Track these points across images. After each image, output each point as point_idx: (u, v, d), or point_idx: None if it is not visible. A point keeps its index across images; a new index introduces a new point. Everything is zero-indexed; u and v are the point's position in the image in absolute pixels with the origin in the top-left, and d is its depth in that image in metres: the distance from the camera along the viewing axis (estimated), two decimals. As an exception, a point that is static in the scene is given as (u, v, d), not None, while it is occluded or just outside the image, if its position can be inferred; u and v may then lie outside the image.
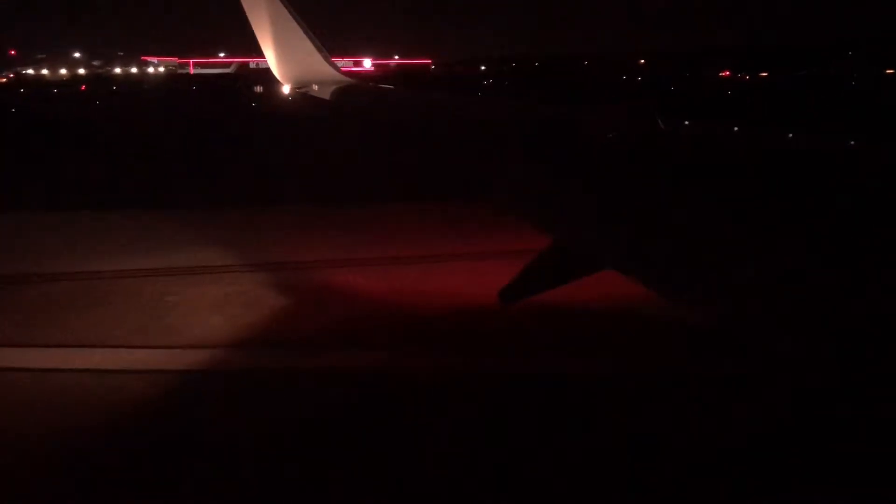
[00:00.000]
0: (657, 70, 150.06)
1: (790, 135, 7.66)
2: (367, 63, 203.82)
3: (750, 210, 5.29)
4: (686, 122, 9.37)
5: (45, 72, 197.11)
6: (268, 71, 23.10)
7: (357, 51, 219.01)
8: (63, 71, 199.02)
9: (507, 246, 15.55)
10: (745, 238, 4.89)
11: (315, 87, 21.94)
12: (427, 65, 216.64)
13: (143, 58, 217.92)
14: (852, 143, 7.37)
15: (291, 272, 19.43)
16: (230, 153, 41.33)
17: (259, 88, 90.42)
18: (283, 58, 22.87)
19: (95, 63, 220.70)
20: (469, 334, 14.80)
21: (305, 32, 22.16)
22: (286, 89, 23.46)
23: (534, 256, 7.57)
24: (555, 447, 10.67)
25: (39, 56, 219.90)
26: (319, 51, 22.35)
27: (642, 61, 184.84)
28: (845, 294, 3.90)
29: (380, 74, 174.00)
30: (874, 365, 3.46)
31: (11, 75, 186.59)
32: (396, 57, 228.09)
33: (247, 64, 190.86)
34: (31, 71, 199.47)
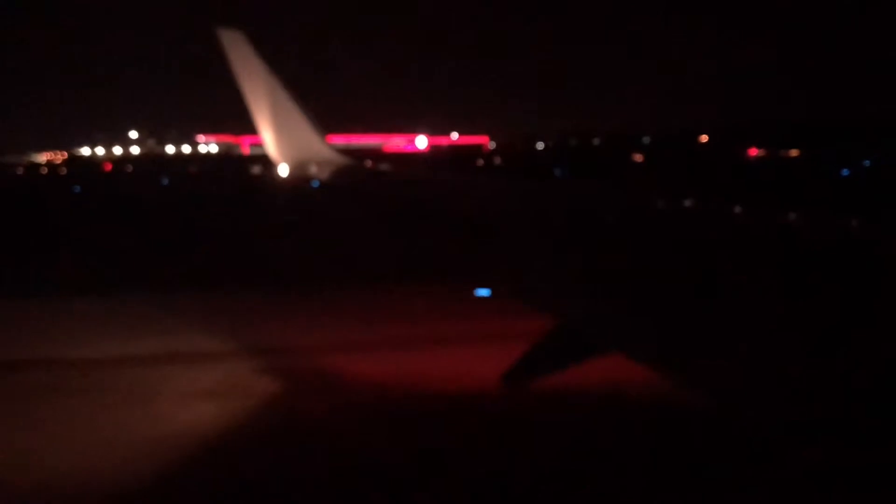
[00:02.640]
0: (720, 147, 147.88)
1: (791, 215, 7.32)
2: (423, 141, 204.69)
3: (755, 292, 5.18)
4: (686, 200, 8.80)
5: (100, 150, 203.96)
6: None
7: (415, 127, 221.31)
8: (118, 150, 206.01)
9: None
10: (756, 321, 4.77)
11: (313, 168, 21.60)
12: (483, 143, 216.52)
13: (197, 136, 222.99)
14: (850, 225, 6.89)
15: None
16: (221, 233, 41.58)
17: (257, 169, 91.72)
18: (279, 139, 22.72)
19: (150, 141, 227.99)
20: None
21: (302, 113, 22.16)
22: (283, 170, 23.03)
23: (537, 338, 7.42)
24: None
25: (99, 135, 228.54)
26: (316, 132, 22.32)
27: (705, 138, 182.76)
28: (850, 376, 3.86)
29: (430, 154, 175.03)
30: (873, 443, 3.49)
31: (65, 154, 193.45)
32: (456, 134, 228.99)
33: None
34: (86, 150, 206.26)
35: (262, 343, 20.24)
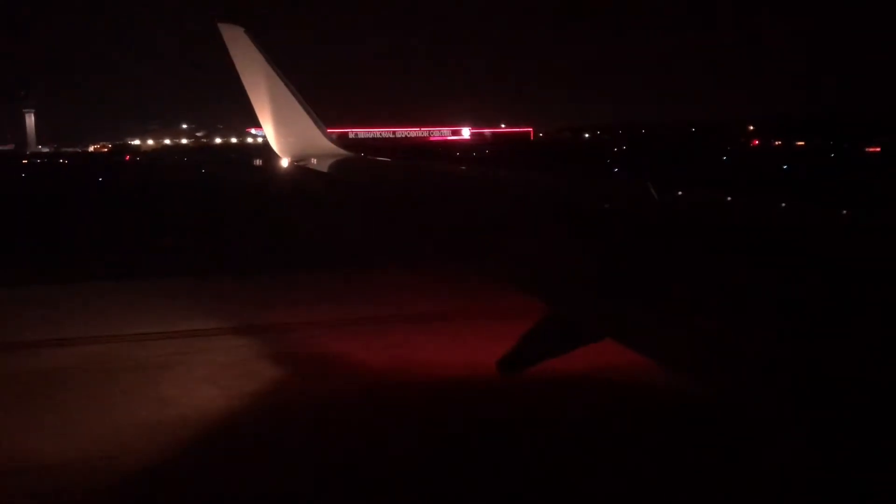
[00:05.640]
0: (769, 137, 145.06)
1: (783, 205, 7.43)
2: (466, 132, 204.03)
3: (746, 282, 5.15)
4: (679, 192, 9.12)
5: (150, 141, 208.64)
6: (375, 141, 23.28)
7: (461, 119, 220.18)
8: (167, 141, 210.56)
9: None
10: (747, 311, 4.80)
11: (313, 161, 21.82)
12: (526, 133, 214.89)
13: (248, 129, 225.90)
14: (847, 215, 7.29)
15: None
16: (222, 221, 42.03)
17: (259, 161, 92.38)
18: (281, 132, 22.91)
19: (199, 134, 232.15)
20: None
21: (303, 107, 22.29)
22: (284, 162, 23.32)
23: (531, 325, 7.60)
24: None
25: (153, 127, 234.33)
26: (317, 125, 22.50)
27: (751, 127, 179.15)
28: (843, 368, 3.88)
29: (475, 143, 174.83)
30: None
31: (110, 145, 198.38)
32: (503, 125, 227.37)
33: (346, 134, 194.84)
34: (137, 141, 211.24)
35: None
